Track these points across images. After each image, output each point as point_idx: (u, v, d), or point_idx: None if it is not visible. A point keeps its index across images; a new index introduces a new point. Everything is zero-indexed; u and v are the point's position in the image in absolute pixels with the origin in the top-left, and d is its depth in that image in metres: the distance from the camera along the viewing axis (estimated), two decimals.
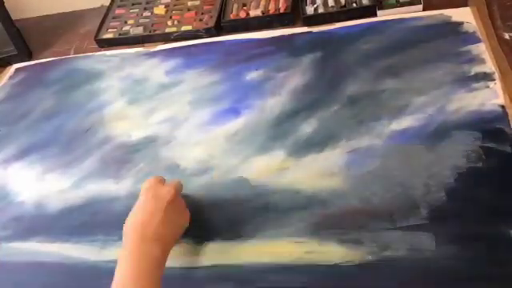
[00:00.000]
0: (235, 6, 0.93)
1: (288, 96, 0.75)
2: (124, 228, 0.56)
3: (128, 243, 0.54)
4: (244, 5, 0.93)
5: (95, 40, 0.97)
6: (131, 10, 1.01)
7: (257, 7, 0.91)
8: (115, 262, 0.63)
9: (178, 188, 0.61)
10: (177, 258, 0.61)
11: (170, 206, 0.57)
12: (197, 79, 0.83)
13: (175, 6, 0.99)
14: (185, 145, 0.74)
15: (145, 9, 1.01)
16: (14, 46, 0.99)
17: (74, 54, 0.99)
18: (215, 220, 0.64)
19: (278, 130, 0.71)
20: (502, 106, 0.64)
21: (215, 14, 0.92)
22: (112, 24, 0.99)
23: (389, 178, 0.61)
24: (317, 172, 0.65)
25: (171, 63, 0.88)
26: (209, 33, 0.90)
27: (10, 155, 0.82)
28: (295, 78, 0.77)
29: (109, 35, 0.97)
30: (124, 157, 0.75)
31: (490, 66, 0.69)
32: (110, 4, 1.04)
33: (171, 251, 0.57)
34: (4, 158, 0.82)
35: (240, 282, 0.57)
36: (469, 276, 0.52)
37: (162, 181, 0.61)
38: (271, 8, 0.90)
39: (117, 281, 0.51)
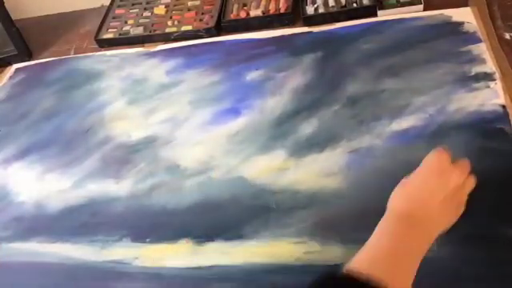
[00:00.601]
0: (235, 5, 0.93)
1: (288, 96, 0.75)
2: (392, 197, 0.50)
3: (392, 213, 0.48)
4: (244, 5, 0.93)
5: (95, 40, 0.97)
6: (131, 10, 1.01)
7: (257, 7, 0.91)
8: (115, 262, 0.63)
9: (466, 170, 0.51)
10: (177, 258, 0.61)
11: (454, 193, 0.49)
12: (197, 79, 0.83)
13: (175, 6, 0.99)
14: (185, 145, 0.74)
15: (145, 9, 1.01)
16: (14, 46, 0.99)
17: (74, 53, 0.99)
18: (215, 220, 0.64)
19: (279, 130, 0.71)
20: (503, 106, 0.64)
21: (215, 14, 0.92)
22: (112, 24, 0.99)
23: (389, 178, 0.61)
24: (317, 172, 0.65)
25: (171, 63, 0.88)
26: (209, 33, 0.90)
27: (10, 155, 0.82)
28: (296, 78, 0.77)
29: (109, 35, 0.97)
30: (124, 157, 0.75)
31: (490, 66, 0.69)
32: (110, 4, 1.04)
33: (172, 252, 0.57)
34: (4, 158, 0.82)
35: (240, 282, 0.57)
36: (469, 276, 0.52)
37: (449, 156, 0.51)
38: (271, 8, 0.90)
39: (367, 247, 0.46)
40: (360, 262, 0.44)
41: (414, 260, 0.46)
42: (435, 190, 0.48)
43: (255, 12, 0.90)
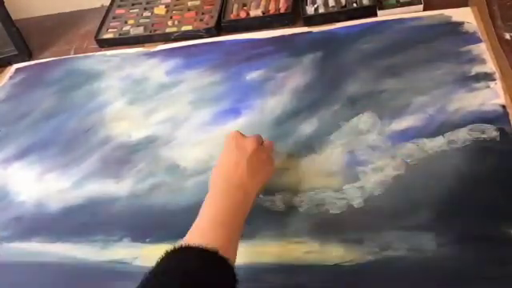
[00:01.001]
0: (235, 6, 0.93)
1: (288, 96, 0.75)
2: (211, 178, 0.59)
3: (213, 189, 0.57)
4: (244, 5, 0.93)
5: (95, 40, 0.97)
6: (131, 10, 1.01)
7: (257, 7, 0.91)
8: (115, 261, 0.63)
9: (259, 139, 0.62)
10: None
11: (254, 156, 0.59)
12: (197, 79, 0.83)
13: (175, 6, 0.99)
14: (185, 145, 0.74)
15: (145, 9, 1.01)
16: (14, 46, 0.99)
17: (74, 54, 0.99)
18: None
19: (279, 130, 0.71)
20: (503, 106, 0.64)
21: (215, 14, 0.92)
22: (112, 24, 0.99)
23: (389, 178, 0.61)
24: (317, 172, 0.65)
25: (171, 63, 0.88)
26: (209, 33, 0.90)
27: (10, 155, 0.82)
28: (295, 78, 0.77)
29: (109, 35, 0.97)
30: (124, 157, 0.75)
31: (490, 66, 0.69)
32: (110, 4, 1.04)
33: None
34: (4, 157, 0.82)
35: (240, 282, 0.57)
36: (469, 276, 0.52)
37: (243, 134, 0.63)
38: (271, 8, 0.90)
39: (198, 220, 0.53)
40: (192, 235, 0.52)
41: (238, 221, 0.54)
42: (238, 159, 0.58)
43: (255, 12, 0.90)
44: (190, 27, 0.93)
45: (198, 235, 0.51)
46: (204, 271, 0.47)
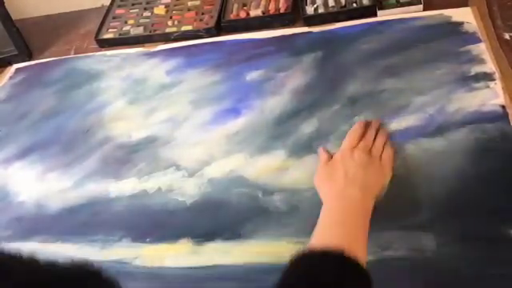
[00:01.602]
0: (235, 5, 0.93)
1: (288, 96, 0.75)
2: (320, 189, 0.59)
3: (326, 197, 0.57)
4: (244, 5, 0.93)
5: (95, 40, 0.97)
6: (131, 10, 1.01)
7: (257, 7, 0.91)
8: (115, 261, 0.63)
9: (368, 145, 0.61)
10: (177, 258, 0.61)
11: (363, 164, 0.58)
12: (197, 79, 0.83)
13: (175, 6, 0.99)
14: (185, 145, 0.74)
15: (145, 9, 1.01)
16: (14, 46, 0.99)
17: (75, 54, 0.99)
18: (215, 220, 0.64)
19: (279, 130, 0.71)
20: (503, 106, 0.64)
21: (215, 14, 0.92)
22: (112, 24, 0.99)
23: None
24: None
25: (171, 63, 0.88)
26: (209, 33, 0.90)
27: (10, 155, 0.82)
28: (296, 77, 0.77)
29: (109, 35, 0.97)
30: (124, 157, 0.75)
31: (490, 66, 0.69)
32: (110, 4, 1.04)
33: (172, 252, 0.57)
34: (4, 157, 0.82)
35: (240, 282, 0.57)
36: (469, 276, 0.52)
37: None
38: (271, 8, 0.90)
39: (318, 226, 0.52)
40: (314, 239, 0.51)
41: (360, 219, 0.53)
42: (348, 169, 0.57)
43: (255, 12, 0.90)
44: (189, 27, 0.93)
45: (319, 238, 0.51)
46: (333, 273, 0.45)
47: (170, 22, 0.95)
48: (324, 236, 0.51)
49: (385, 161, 0.60)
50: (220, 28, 0.91)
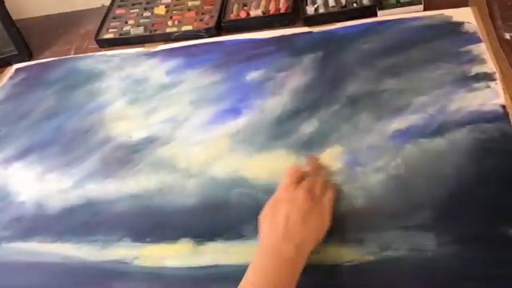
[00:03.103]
0: (235, 6, 0.93)
1: (289, 96, 0.75)
2: (260, 226, 0.56)
3: (262, 244, 0.55)
4: (244, 5, 0.93)
5: (95, 40, 0.97)
6: (131, 10, 1.01)
7: (257, 7, 0.91)
8: (115, 261, 0.63)
9: (312, 189, 0.58)
10: (177, 258, 0.61)
11: (305, 207, 0.55)
12: (197, 79, 0.83)
13: (176, 6, 0.99)
14: (185, 145, 0.74)
15: (145, 9, 1.01)
16: (14, 46, 0.99)
17: (75, 54, 0.99)
18: (215, 220, 0.64)
19: (279, 130, 0.71)
20: (503, 106, 0.64)
21: (215, 14, 0.92)
22: (112, 24, 0.99)
23: (390, 178, 0.61)
24: None
25: (172, 63, 0.88)
26: (209, 33, 0.90)
27: (10, 155, 0.82)
28: (296, 77, 0.77)
29: (109, 35, 0.97)
30: (124, 157, 0.75)
31: (490, 66, 0.69)
32: (111, 4, 1.04)
33: (172, 252, 0.57)
34: (4, 157, 0.82)
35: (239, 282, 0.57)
36: (469, 276, 0.52)
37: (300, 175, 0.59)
38: (272, 8, 0.90)
39: (248, 278, 0.52)
40: None
41: (290, 280, 0.51)
42: (290, 214, 0.54)
43: (255, 12, 0.90)
44: (190, 27, 0.93)
45: None
46: None
47: (170, 22, 0.95)
48: None
49: (325, 207, 0.57)
50: (220, 28, 0.91)
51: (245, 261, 0.57)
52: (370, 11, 0.83)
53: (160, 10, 0.98)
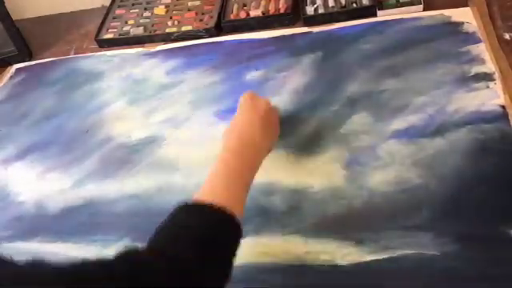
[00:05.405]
0: (235, 6, 0.93)
1: (288, 96, 0.75)
2: (223, 136, 0.61)
3: (226, 147, 0.59)
4: (244, 5, 0.93)
5: (95, 40, 0.97)
6: (131, 11, 1.01)
7: (257, 7, 0.91)
8: None
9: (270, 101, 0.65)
10: None
11: (266, 116, 0.62)
12: (197, 79, 0.83)
13: (175, 6, 0.99)
14: (185, 145, 0.74)
15: (145, 9, 1.01)
16: (14, 46, 0.99)
17: (75, 54, 0.99)
18: None
19: (279, 130, 0.71)
20: (503, 106, 0.64)
21: (215, 15, 0.92)
22: (112, 24, 0.99)
23: (389, 178, 0.61)
24: (317, 172, 0.65)
25: (171, 63, 0.88)
26: (209, 33, 0.90)
27: (10, 155, 0.82)
28: (295, 78, 0.77)
29: (109, 35, 0.97)
30: (124, 157, 0.75)
31: (490, 66, 0.69)
32: (111, 4, 1.04)
33: None
34: (4, 157, 0.82)
35: (240, 282, 0.57)
36: (469, 276, 0.52)
37: (257, 94, 0.65)
38: (271, 8, 0.90)
39: (210, 177, 0.55)
40: (204, 191, 0.52)
41: (248, 180, 0.56)
42: (252, 119, 0.60)
43: (255, 12, 0.90)
44: (189, 27, 0.93)
45: (209, 192, 0.52)
46: (215, 229, 0.48)
47: (170, 22, 0.95)
48: (215, 190, 0.53)
49: (277, 118, 0.66)
50: (220, 28, 0.91)
51: (244, 261, 0.57)
52: (369, 11, 0.83)
53: (160, 11, 0.98)
